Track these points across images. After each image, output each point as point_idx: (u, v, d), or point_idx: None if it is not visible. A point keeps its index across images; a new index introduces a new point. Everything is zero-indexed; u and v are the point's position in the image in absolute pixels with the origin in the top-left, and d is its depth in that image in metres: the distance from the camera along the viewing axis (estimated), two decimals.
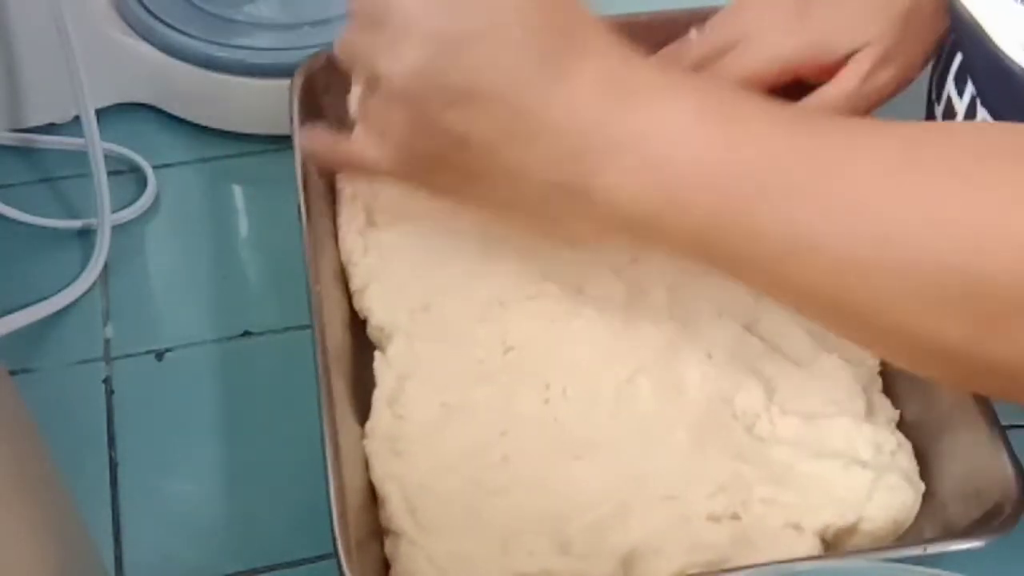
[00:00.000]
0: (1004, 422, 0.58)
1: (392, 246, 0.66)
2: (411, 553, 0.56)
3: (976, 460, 0.58)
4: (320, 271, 0.63)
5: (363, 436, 0.59)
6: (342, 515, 0.54)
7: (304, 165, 0.67)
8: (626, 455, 0.59)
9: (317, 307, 0.61)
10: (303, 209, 0.65)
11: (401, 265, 0.65)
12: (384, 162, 0.58)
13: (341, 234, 0.67)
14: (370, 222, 0.68)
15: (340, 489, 0.55)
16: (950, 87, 0.65)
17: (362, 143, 0.59)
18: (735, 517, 0.57)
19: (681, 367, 0.62)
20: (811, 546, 0.56)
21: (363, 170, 0.61)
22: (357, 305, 0.65)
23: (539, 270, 0.65)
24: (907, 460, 0.60)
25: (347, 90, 0.70)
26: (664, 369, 0.61)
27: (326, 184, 0.70)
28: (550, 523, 0.57)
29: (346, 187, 0.69)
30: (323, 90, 0.72)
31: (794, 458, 0.59)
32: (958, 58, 0.65)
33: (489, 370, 0.61)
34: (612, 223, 0.54)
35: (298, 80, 0.71)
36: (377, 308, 0.64)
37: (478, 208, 0.59)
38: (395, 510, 0.57)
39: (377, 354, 0.62)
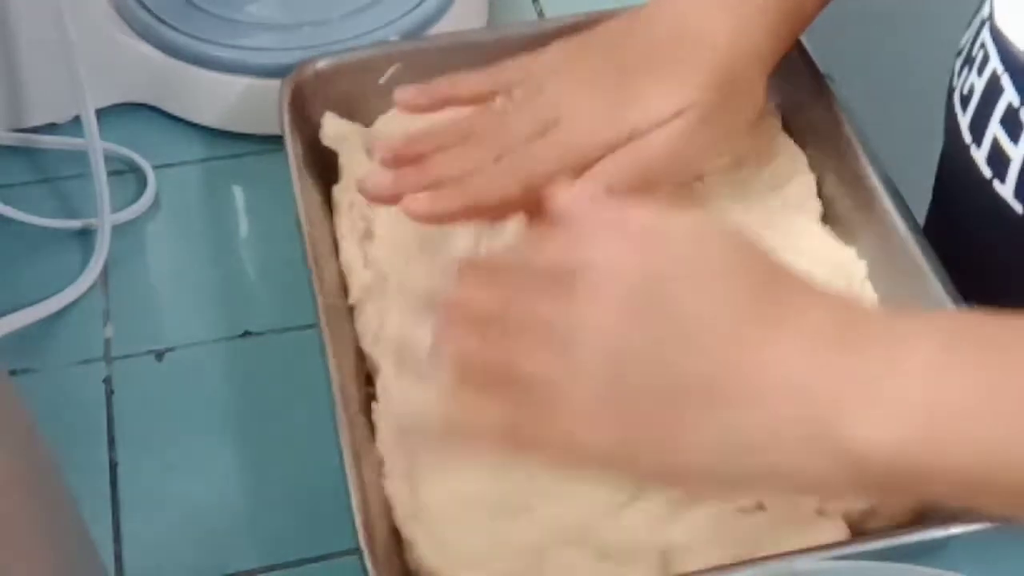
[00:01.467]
0: None
1: (388, 259, 0.66)
2: None
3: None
4: (324, 281, 0.63)
5: (382, 476, 0.58)
6: (375, 559, 0.53)
7: (299, 173, 0.67)
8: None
9: (325, 320, 0.61)
10: (302, 219, 0.65)
11: (396, 280, 0.65)
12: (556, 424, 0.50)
13: (341, 245, 0.67)
14: (368, 233, 0.67)
15: (369, 537, 0.54)
16: (996, 131, 0.65)
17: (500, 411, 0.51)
18: (760, 508, 0.57)
19: None
20: (838, 530, 0.56)
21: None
22: (355, 325, 0.65)
23: None
24: None
25: (333, 100, 0.71)
26: None
27: (322, 192, 0.70)
28: (581, 532, 0.56)
29: (343, 197, 0.69)
30: (311, 97, 0.72)
31: None
32: (1003, 101, 0.64)
33: None
34: (865, 477, 0.47)
35: (286, 88, 0.71)
36: (368, 335, 0.64)
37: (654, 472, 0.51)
38: (424, 552, 0.56)
39: (375, 405, 0.61)
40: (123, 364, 0.69)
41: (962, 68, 0.70)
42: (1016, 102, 0.64)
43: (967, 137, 0.67)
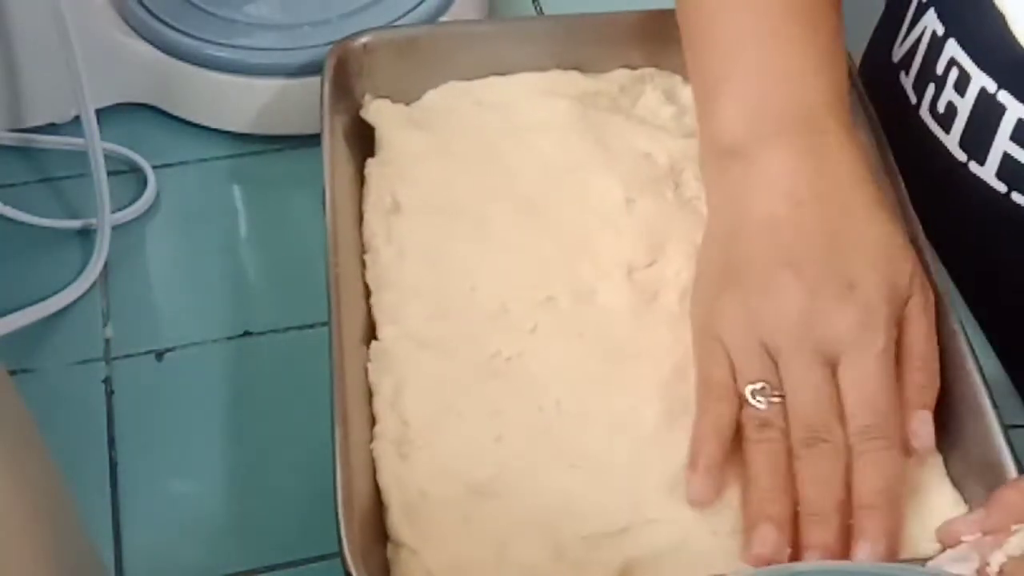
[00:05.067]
0: (1007, 422, 0.58)
1: (412, 238, 0.66)
2: (411, 563, 0.55)
3: (979, 460, 0.58)
4: (341, 253, 0.63)
5: (372, 439, 0.59)
6: (350, 522, 0.53)
7: (332, 144, 0.67)
8: (626, 472, 0.58)
9: (335, 291, 0.61)
10: (328, 189, 0.65)
11: (416, 261, 0.65)
12: None
13: (366, 217, 0.67)
14: (395, 207, 0.68)
15: (348, 498, 0.54)
16: (1006, 147, 0.65)
17: None
18: (737, 531, 0.57)
19: (688, 393, 0.61)
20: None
21: None
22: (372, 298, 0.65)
23: (552, 273, 0.65)
24: None
25: (376, 75, 0.71)
26: (671, 398, 0.61)
27: (355, 166, 0.70)
28: (544, 529, 0.56)
29: (374, 170, 0.69)
30: (355, 72, 0.72)
31: None
32: (1010, 117, 0.65)
33: (483, 376, 0.61)
34: None
35: (330, 61, 0.71)
36: (382, 310, 0.64)
37: None
38: (396, 520, 0.56)
39: (370, 365, 0.62)
40: (123, 364, 0.69)
41: (923, 86, 0.69)
42: None
43: (959, 155, 0.67)
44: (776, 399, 0.58)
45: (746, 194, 0.62)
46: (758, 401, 0.58)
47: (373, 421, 0.60)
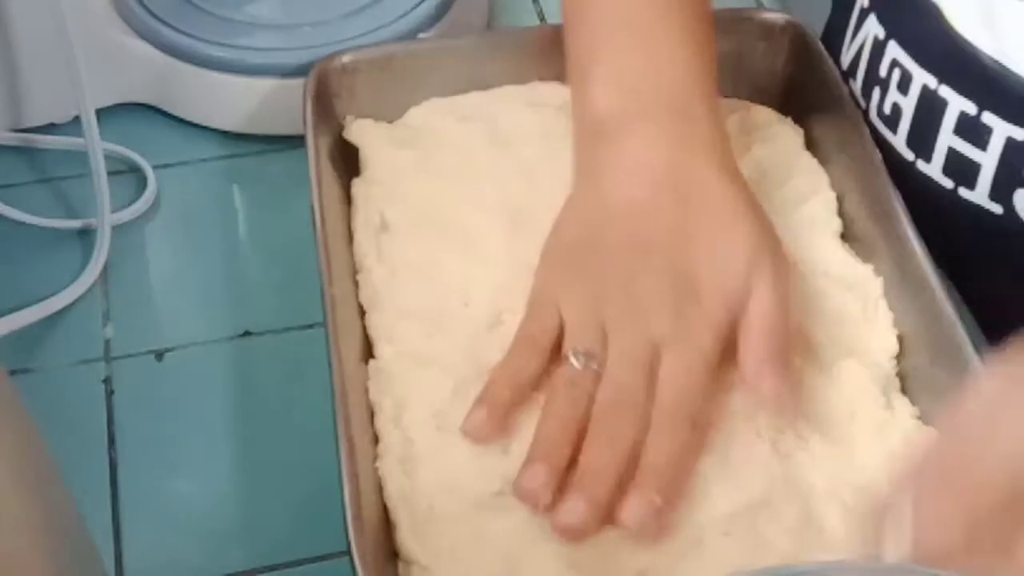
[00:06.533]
0: None
1: (402, 256, 0.66)
2: None
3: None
4: (334, 273, 0.63)
5: (376, 457, 0.59)
6: (361, 544, 0.53)
7: (317, 165, 0.67)
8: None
9: (331, 312, 0.60)
10: (317, 210, 0.65)
11: (408, 279, 0.65)
12: None
13: (356, 237, 0.67)
14: (384, 226, 0.67)
15: (358, 518, 0.54)
16: (950, 142, 0.66)
17: None
18: (758, 534, 0.56)
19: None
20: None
21: None
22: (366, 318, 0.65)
23: None
24: None
25: (358, 94, 0.70)
26: None
27: (341, 186, 0.70)
28: (556, 539, 0.56)
29: (360, 189, 0.69)
30: (335, 92, 0.72)
31: (818, 477, 0.59)
32: (952, 111, 0.65)
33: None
34: None
35: (311, 82, 0.71)
36: (377, 329, 0.64)
37: None
38: (406, 538, 0.56)
39: (370, 384, 0.61)
40: (123, 364, 0.69)
41: (869, 91, 0.70)
42: (972, 110, 0.64)
43: (907, 155, 0.68)
44: (595, 368, 0.59)
45: (608, 174, 0.63)
46: (577, 360, 0.59)
47: (376, 439, 0.60)
